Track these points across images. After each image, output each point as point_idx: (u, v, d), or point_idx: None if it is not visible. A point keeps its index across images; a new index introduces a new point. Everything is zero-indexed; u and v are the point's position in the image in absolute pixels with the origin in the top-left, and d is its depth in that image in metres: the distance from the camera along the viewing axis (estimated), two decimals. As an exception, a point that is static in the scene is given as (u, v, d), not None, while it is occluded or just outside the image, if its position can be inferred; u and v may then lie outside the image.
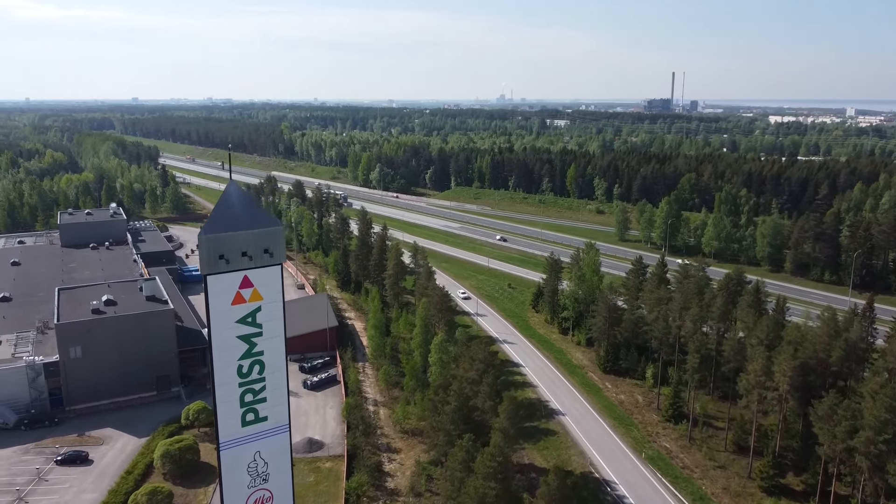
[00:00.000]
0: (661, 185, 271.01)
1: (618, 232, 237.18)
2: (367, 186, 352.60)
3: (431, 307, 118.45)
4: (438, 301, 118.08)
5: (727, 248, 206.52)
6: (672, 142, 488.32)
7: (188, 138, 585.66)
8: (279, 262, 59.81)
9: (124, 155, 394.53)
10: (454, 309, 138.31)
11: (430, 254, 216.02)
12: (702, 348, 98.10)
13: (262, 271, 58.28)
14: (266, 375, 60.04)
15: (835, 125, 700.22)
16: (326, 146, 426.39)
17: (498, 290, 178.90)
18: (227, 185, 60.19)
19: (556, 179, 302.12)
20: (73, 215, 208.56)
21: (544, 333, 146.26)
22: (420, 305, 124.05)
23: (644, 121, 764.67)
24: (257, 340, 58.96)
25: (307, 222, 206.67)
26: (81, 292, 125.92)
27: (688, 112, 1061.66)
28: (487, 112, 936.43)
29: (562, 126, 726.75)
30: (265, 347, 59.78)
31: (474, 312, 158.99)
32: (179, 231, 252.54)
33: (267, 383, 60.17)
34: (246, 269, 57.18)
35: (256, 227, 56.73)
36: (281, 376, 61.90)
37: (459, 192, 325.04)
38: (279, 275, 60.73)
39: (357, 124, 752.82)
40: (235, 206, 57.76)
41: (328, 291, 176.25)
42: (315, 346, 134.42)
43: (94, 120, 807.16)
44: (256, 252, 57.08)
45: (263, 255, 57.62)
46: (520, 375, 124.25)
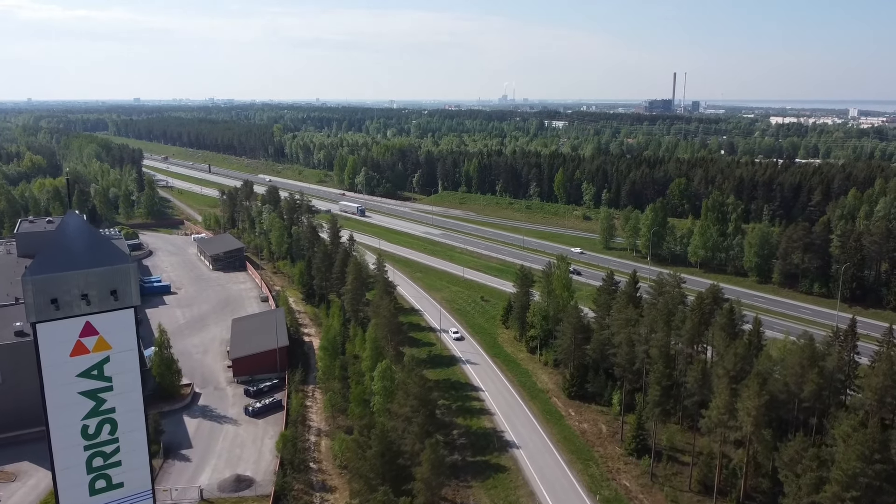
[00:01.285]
0: (650, 191, 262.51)
1: (602, 240, 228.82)
2: (352, 190, 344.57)
3: (381, 328, 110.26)
4: (387, 321, 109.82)
5: (714, 258, 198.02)
6: (669, 144, 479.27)
7: (179, 140, 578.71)
8: (130, 304, 51.64)
9: (108, 157, 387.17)
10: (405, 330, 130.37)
11: (405, 263, 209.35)
12: (663, 379, 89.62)
13: (109, 316, 50.08)
14: (120, 435, 51.68)
15: (835, 126, 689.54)
16: (315, 148, 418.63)
17: (470, 303, 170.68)
18: (66, 215, 52.16)
19: (544, 184, 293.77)
20: (34, 223, 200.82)
21: (511, 352, 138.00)
22: (371, 325, 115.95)
23: (643, 122, 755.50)
24: (106, 396, 50.61)
25: (276, 230, 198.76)
26: (6, 311, 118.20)
27: (689, 113, 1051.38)
28: (486, 113, 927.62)
29: (560, 127, 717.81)
30: (117, 403, 51.38)
31: (439, 329, 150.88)
32: (152, 238, 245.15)
33: (121, 444, 51.84)
34: (87, 314, 49.03)
35: (99, 265, 48.44)
36: (139, 436, 53.61)
37: (445, 197, 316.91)
38: (132, 320, 52.60)
39: (353, 125, 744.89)
40: (74, 241, 49.46)
41: (292, 304, 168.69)
42: (265, 366, 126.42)
43: (88, 121, 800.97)
44: (100, 294, 48.79)
45: (109, 297, 49.36)
46: (478, 401, 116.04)
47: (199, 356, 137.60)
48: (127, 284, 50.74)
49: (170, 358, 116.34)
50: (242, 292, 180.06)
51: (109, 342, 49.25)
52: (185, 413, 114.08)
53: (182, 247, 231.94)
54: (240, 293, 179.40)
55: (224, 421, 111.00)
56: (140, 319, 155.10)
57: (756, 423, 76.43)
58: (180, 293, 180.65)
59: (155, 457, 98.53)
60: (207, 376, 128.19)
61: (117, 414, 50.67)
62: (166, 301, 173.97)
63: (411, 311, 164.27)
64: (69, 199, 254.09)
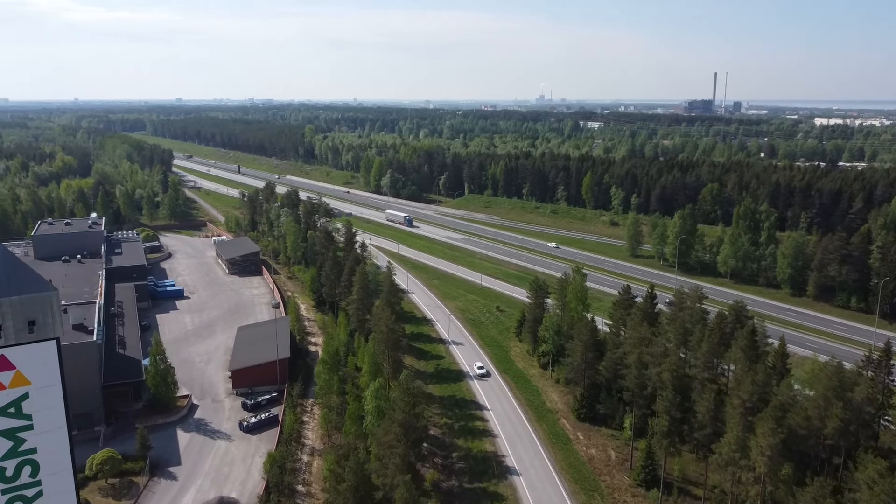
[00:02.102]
0: (681, 196, 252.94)
1: (629, 247, 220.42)
2: (378, 192, 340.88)
3: (378, 342, 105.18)
4: (385, 335, 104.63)
5: (745, 269, 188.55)
6: (706, 146, 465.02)
7: (212, 140, 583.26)
8: (51, 336, 47.07)
9: (138, 158, 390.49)
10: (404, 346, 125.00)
11: (423, 269, 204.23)
12: (672, 408, 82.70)
13: (27, 349, 45.82)
14: (43, 478, 47.30)
15: (883, 128, 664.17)
16: (343, 150, 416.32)
17: (485, 312, 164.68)
18: None
19: (572, 188, 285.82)
20: (53, 225, 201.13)
21: (523, 367, 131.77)
22: (370, 339, 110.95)
23: (681, 123, 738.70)
24: (26, 435, 46.30)
25: (291, 234, 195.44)
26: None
27: (730, 114, 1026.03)
28: (521, 114, 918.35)
29: (595, 128, 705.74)
30: (39, 443, 47.03)
31: (450, 340, 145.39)
32: (173, 240, 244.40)
33: (44, 487, 47.45)
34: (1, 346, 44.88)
35: (15, 294, 44.09)
36: (65, 477, 49.23)
37: (471, 200, 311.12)
38: (54, 353, 48.04)
39: (386, 126, 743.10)
40: (-15, 267, 45.33)
41: (302, 312, 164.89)
42: (265, 379, 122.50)
43: (127, 121, 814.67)
44: (16, 325, 44.43)
45: (26, 328, 45.00)
46: (481, 421, 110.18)
47: (202, 365, 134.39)
48: (47, 314, 46.32)
49: (165, 369, 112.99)
50: (254, 298, 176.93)
51: (28, 377, 45.04)
52: (180, 426, 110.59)
53: (201, 249, 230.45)
54: (252, 299, 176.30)
55: (217, 436, 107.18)
56: (147, 325, 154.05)
57: (771, 464, 69.27)
58: (193, 297, 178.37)
59: (140, 474, 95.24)
60: (207, 387, 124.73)
61: (39, 454, 46.48)
62: (178, 306, 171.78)
63: (423, 320, 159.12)
64: (93, 201, 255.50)
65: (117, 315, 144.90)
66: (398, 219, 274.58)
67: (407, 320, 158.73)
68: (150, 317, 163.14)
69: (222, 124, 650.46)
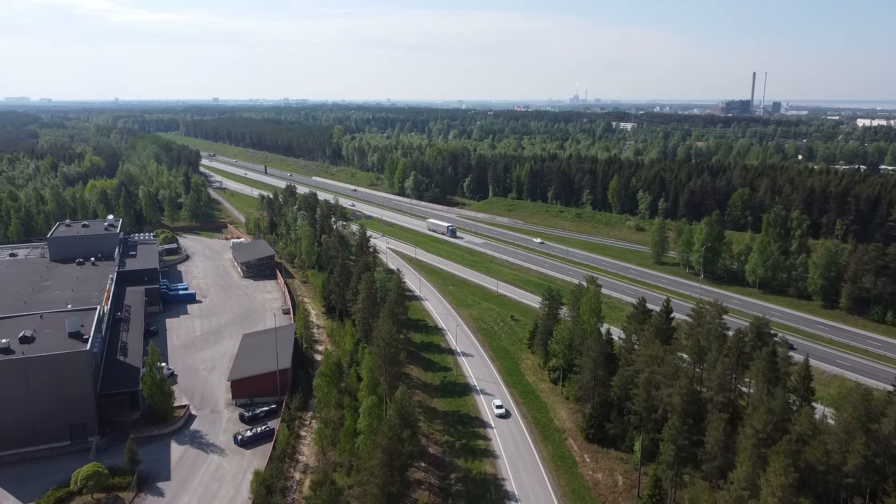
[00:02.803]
0: (710, 201, 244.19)
1: (654, 254, 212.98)
2: (402, 195, 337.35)
3: (376, 356, 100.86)
4: (382, 350, 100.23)
5: (774, 278, 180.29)
6: (740, 148, 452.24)
7: (242, 140, 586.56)
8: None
9: (166, 158, 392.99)
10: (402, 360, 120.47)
11: (439, 274, 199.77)
12: (679, 437, 76.82)
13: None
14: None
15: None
16: (369, 151, 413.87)
17: (499, 322, 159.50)
18: None
19: (598, 191, 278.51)
20: (71, 227, 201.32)
21: (533, 382, 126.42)
22: (367, 353, 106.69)
23: (717, 124, 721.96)
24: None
25: (306, 237, 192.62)
26: (4, 325, 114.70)
27: (768, 114, 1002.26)
28: (553, 114, 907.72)
29: (628, 129, 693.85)
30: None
31: (459, 351, 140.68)
32: (192, 242, 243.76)
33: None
34: None
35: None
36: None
37: (494, 203, 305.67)
38: None
39: (417, 126, 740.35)
40: None
41: (312, 318, 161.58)
42: (265, 389, 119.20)
43: (162, 121, 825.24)
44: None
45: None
46: (484, 440, 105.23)
47: (206, 373, 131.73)
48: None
49: (161, 379, 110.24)
50: (266, 303, 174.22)
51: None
52: (175, 438, 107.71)
53: (219, 252, 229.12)
54: (263, 304, 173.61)
55: (211, 450, 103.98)
56: (156, 330, 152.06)
57: (784, 504, 63.18)
58: (205, 301, 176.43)
59: (127, 489, 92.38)
60: (207, 396, 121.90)
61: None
62: (189, 310, 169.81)
63: (434, 329, 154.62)
64: (116, 202, 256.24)
65: (123, 320, 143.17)
66: (441, 229, 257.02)
67: (418, 329, 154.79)
68: (159, 321, 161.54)
69: (253, 124, 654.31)
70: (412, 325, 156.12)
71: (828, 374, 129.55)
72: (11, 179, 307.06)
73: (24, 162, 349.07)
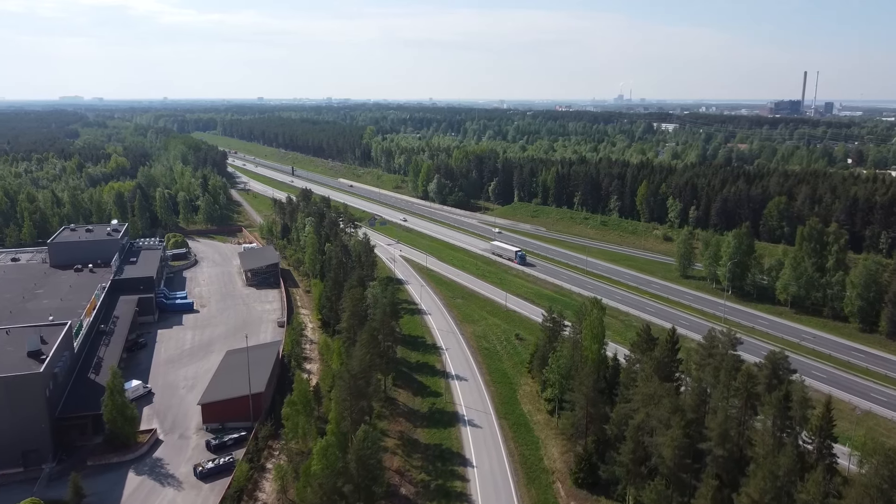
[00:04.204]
0: (745, 210, 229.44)
1: (679, 266, 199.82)
2: (425, 199, 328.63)
3: (342, 389, 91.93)
4: (348, 382, 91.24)
5: (807, 297, 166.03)
6: (785, 151, 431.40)
7: (275, 140, 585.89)
8: None
9: (193, 159, 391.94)
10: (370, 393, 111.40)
11: (449, 286, 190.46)
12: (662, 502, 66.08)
13: None
14: None
15: None
16: (396, 153, 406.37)
17: (503, 340, 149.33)
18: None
19: (626, 198, 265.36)
20: (75, 231, 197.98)
21: (528, 412, 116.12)
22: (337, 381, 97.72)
23: (763, 125, 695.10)
24: None
25: (310, 245, 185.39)
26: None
27: (820, 115, 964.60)
28: (592, 115, 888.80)
29: (669, 131, 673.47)
30: None
31: (454, 374, 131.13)
32: (204, 246, 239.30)
33: None
34: None
35: None
36: None
37: (518, 209, 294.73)
38: None
39: (453, 127, 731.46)
40: None
41: (308, 333, 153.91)
42: (239, 414, 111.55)
43: (200, 120, 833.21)
44: None
45: None
46: (461, 481, 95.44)
47: (184, 392, 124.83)
48: None
49: (123, 403, 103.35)
50: (264, 314, 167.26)
51: None
52: (134, 466, 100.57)
53: (229, 257, 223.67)
54: (261, 315, 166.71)
55: (168, 482, 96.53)
56: (144, 343, 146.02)
57: None
58: (203, 311, 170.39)
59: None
60: (180, 419, 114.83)
61: None
62: (184, 320, 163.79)
63: (432, 348, 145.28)
64: (130, 205, 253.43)
65: (106, 333, 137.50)
66: (507, 254, 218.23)
67: (416, 346, 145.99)
68: (151, 332, 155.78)
69: (287, 124, 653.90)
70: (410, 343, 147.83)
71: (859, 410, 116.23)
72: (35, 180, 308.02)
73: (51, 162, 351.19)
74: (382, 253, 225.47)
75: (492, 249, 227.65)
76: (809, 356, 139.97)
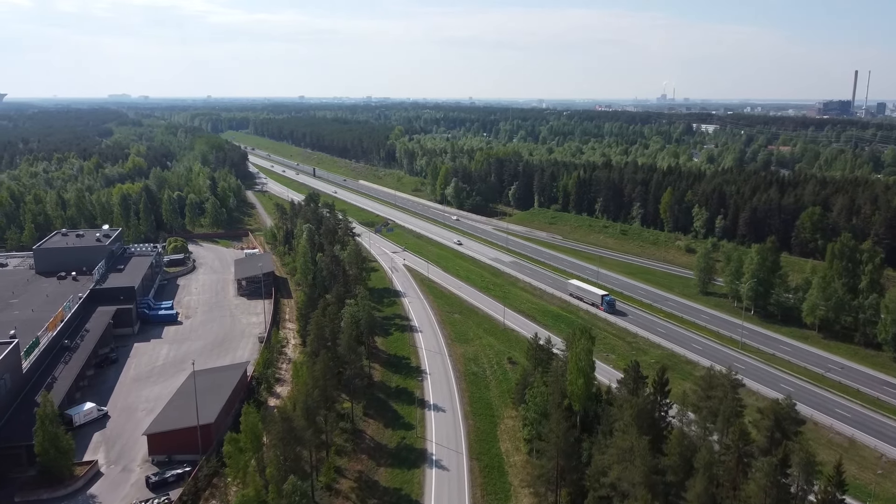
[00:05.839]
0: (776, 220, 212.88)
1: (698, 282, 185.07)
2: (443, 202, 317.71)
3: (274, 435, 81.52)
4: (282, 431, 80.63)
5: (837, 321, 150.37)
6: (828, 155, 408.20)
7: (303, 140, 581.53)
8: None
9: (214, 159, 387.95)
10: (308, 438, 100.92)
11: (447, 299, 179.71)
12: None
13: None
14: None
15: None
16: (418, 154, 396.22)
17: (494, 364, 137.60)
18: None
19: (650, 205, 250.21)
20: (66, 236, 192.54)
21: (506, 451, 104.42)
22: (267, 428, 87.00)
23: (809, 126, 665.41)
24: None
25: (301, 255, 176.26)
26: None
27: (871, 116, 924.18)
28: (631, 115, 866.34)
29: (709, 132, 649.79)
30: None
31: (433, 404, 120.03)
32: (206, 251, 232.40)
33: None
34: None
35: None
36: None
37: (536, 215, 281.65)
38: None
39: (486, 127, 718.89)
40: None
41: (288, 351, 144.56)
42: (186, 447, 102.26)
43: (234, 119, 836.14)
44: None
45: None
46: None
47: (142, 415, 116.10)
48: None
49: (55, 433, 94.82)
50: (249, 328, 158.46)
51: None
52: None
53: (228, 263, 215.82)
54: (245, 329, 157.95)
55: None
56: (116, 358, 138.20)
57: None
58: (186, 323, 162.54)
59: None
60: (128, 448, 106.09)
61: None
62: (164, 333, 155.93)
63: (415, 371, 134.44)
64: (136, 208, 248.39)
65: (70, 349, 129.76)
66: (591, 297, 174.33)
67: (399, 369, 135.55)
68: (127, 346, 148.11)
69: (315, 124, 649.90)
70: (393, 364, 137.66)
71: (885, 459, 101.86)
72: (50, 181, 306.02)
73: (70, 162, 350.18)
74: (386, 261, 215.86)
75: (569, 290, 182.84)
76: (834, 391, 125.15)
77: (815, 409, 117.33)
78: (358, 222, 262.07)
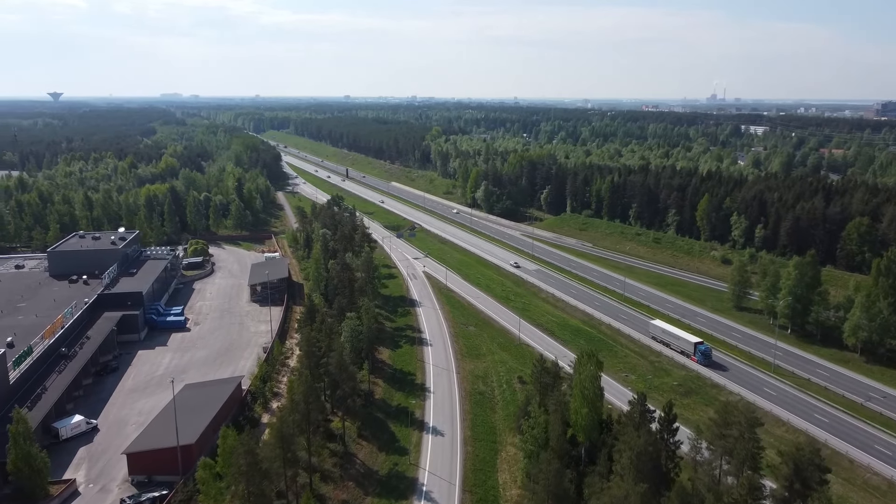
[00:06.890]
0: (819, 231, 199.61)
1: (732, 296, 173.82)
2: (474, 206, 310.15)
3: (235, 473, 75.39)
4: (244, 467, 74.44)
5: (882, 344, 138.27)
6: (884, 159, 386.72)
7: (341, 140, 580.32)
8: None
9: (248, 159, 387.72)
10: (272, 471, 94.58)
11: (465, 310, 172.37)
12: None
13: None
14: None
15: None
16: (452, 156, 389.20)
17: (503, 384, 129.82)
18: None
19: (686, 212, 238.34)
20: (84, 238, 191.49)
21: (503, 483, 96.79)
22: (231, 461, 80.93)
23: (865, 128, 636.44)
24: None
25: (314, 262, 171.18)
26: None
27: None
28: (676, 115, 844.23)
29: (758, 134, 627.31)
30: None
31: (432, 427, 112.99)
32: (227, 254, 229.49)
33: None
34: None
35: None
36: None
37: (567, 220, 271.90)
38: None
39: (527, 128, 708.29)
40: None
41: (293, 362, 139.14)
42: (167, 467, 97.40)
43: (276, 119, 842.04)
44: None
45: None
46: (388, 582, 77.62)
47: (132, 429, 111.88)
48: None
49: (29, 451, 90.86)
50: (255, 337, 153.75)
51: None
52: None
53: (247, 267, 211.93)
54: (252, 338, 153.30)
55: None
56: (116, 367, 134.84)
57: None
58: (194, 330, 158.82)
59: None
60: (110, 466, 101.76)
61: None
62: (170, 341, 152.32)
63: (419, 389, 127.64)
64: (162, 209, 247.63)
65: (67, 357, 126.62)
66: (681, 345, 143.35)
67: (403, 385, 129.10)
68: (131, 353, 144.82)
69: (353, 124, 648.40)
70: (398, 380, 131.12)
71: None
72: (83, 180, 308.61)
73: (106, 162, 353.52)
74: (406, 268, 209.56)
75: (651, 333, 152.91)
76: (874, 423, 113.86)
77: (851, 444, 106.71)
78: (382, 225, 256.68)
